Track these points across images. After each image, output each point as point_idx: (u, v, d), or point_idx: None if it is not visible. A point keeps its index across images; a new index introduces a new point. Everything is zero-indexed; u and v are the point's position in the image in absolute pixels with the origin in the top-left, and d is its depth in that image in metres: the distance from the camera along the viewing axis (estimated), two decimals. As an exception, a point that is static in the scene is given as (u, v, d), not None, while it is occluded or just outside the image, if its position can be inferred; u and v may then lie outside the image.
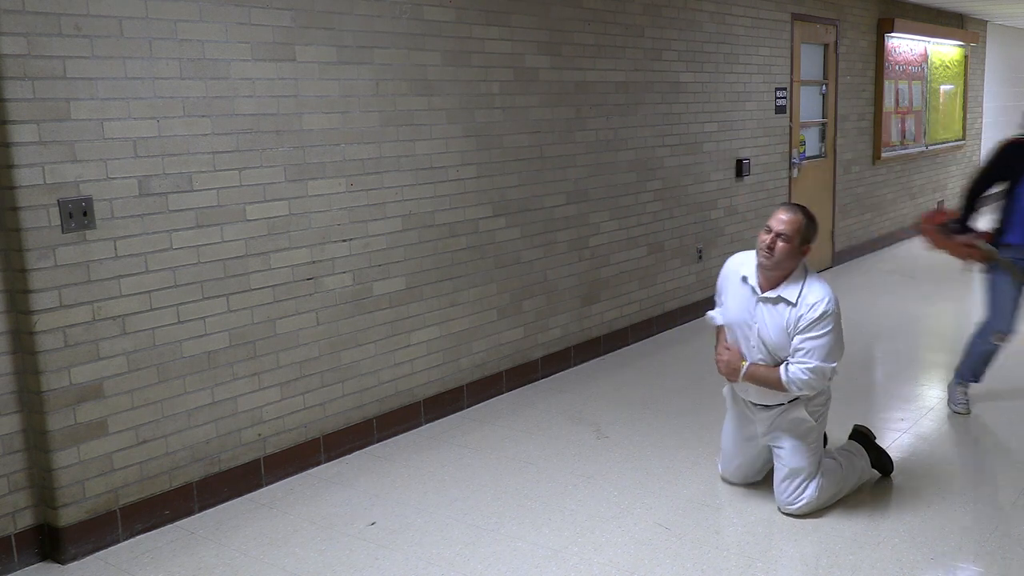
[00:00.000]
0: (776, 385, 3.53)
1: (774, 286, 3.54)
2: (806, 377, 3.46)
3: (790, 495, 3.61)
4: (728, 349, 3.67)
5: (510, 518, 3.70)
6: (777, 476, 3.66)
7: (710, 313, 3.86)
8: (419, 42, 4.59)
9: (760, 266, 3.56)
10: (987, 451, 4.24)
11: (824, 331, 3.45)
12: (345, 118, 4.28)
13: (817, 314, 3.44)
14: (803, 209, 3.57)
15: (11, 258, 3.30)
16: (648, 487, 3.94)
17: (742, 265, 3.69)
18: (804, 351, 3.46)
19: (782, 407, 3.63)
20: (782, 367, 3.51)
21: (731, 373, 3.65)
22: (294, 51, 4.04)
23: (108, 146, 3.45)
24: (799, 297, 3.48)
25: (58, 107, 3.30)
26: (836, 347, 3.50)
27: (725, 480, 3.90)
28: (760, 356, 3.58)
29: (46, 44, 3.25)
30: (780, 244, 3.46)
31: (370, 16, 4.35)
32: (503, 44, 5.06)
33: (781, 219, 3.50)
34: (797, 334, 3.47)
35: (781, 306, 3.51)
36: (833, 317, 3.47)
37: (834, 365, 3.50)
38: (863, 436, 3.99)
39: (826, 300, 3.47)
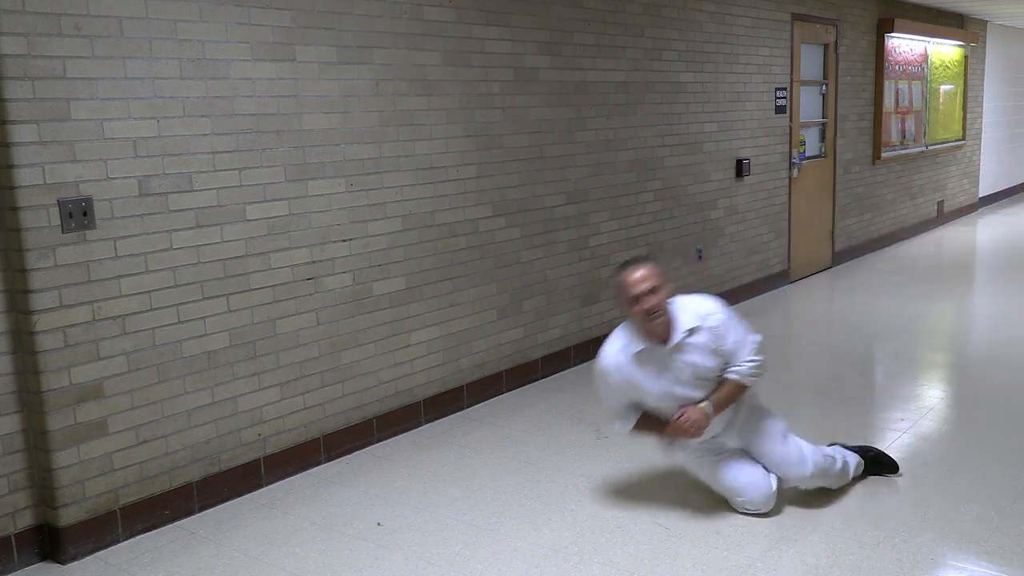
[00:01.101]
0: (740, 391, 3.62)
1: (670, 331, 3.52)
2: (758, 360, 3.59)
3: (796, 457, 3.63)
4: (683, 412, 3.53)
5: (510, 518, 3.70)
6: (774, 455, 3.64)
7: (618, 426, 3.70)
8: (419, 42, 4.59)
9: (650, 329, 3.51)
10: (986, 451, 4.24)
11: (732, 322, 3.59)
12: (345, 118, 4.28)
13: (719, 317, 3.57)
14: (639, 258, 3.61)
15: (11, 258, 3.30)
16: (648, 487, 3.94)
17: (624, 348, 3.57)
18: (738, 349, 3.56)
19: (736, 409, 3.69)
20: (732, 376, 3.57)
21: (705, 420, 3.54)
22: (294, 51, 4.04)
23: (108, 146, 3.45)
24: (694, 319, 3.53)
25: (58, 107, 3.30)
26: (743, 322, 3.65)
27: (754, 511, 3.64)
28: (704, 391, 3.57)
29: (46, 44, 3.25)
30: (655, 298, 3.45)
31: (370, 16, 4.35)
32: (503, 44, 5.06)
33: (639, 278, 3.46)
34: (723, 345, 3.54)
35: (689, 339, 3.52)
36: (723, 306, 3.62)
37: (758, 335, 3.64)
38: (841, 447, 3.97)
39: (710, 302, 3.64)
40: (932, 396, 5.15)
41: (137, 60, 3.51)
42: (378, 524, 3.69)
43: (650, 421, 3.66)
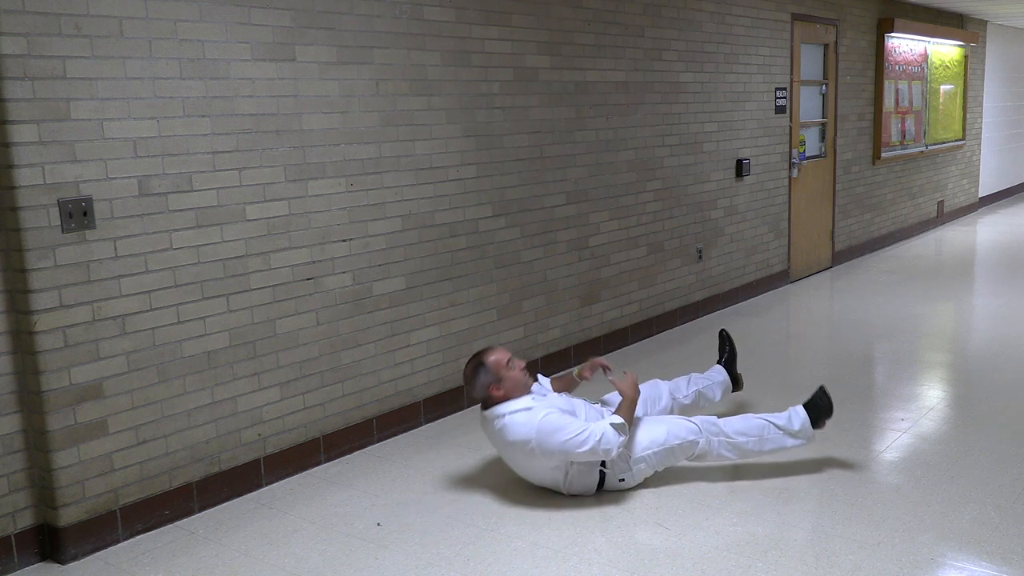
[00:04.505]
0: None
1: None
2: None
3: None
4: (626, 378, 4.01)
5: (510, 518, 3.70)
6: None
7: (614, 435, 3.69)
8: (419, 42, 4.59)
9: (527, 382, 3.90)
10: (987, 451, 4.24)
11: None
12: (345, 118, 4.28)
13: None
14: (486, 348, 3.94)
15: (11, 258, 3.30)
16: (648, 487, 3.94)
17: (532, 405, 3.77)
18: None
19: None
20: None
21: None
22: (294, 51, 4.04)
23: (108, 146, 3.45)
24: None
25: (58, 107, 3.30)
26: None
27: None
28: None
29: (46, 44, 3.26)
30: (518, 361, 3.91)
31: (370, 16, 4.35)
32: (503, 44, 5.06)
33: (501, 355, 3.86)
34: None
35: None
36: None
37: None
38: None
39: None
40: (932, 396, 5.15)
41: (137, 60, 3.51)
42: (378, 524, 3.69)
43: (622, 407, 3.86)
